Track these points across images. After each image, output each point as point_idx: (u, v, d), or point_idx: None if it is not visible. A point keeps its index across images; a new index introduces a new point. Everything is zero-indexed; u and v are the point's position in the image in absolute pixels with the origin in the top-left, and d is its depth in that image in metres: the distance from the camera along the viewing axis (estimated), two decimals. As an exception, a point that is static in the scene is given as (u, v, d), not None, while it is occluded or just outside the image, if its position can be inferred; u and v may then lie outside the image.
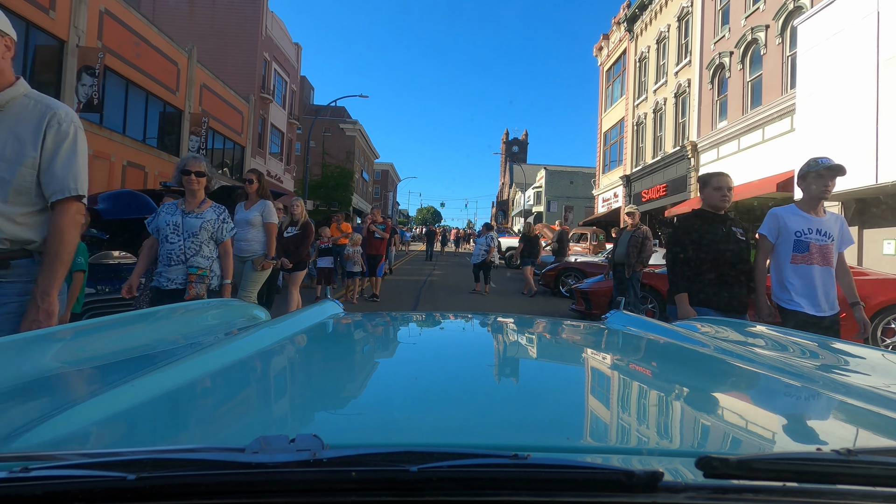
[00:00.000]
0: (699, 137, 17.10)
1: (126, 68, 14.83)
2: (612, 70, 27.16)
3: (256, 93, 24.86)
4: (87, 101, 12.64)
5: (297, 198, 7.05)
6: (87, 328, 1.37)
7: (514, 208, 62.63)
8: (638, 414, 0.87)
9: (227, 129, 21.83)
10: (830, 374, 1.17)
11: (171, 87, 17.34)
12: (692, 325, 1.83)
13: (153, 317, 1.58)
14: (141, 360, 1.11)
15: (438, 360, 1.22)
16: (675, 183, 18.75)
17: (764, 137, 13.75)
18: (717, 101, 16.41)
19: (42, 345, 1.13)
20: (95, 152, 13.70)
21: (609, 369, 1.22)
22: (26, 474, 0.43)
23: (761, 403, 0.97)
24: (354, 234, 9.48)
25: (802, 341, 1.52)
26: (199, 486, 0.44)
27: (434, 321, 1.90)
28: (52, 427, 0.63)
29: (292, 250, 6.18)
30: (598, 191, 28.76)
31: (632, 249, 6.99)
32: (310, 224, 6.62)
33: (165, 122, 17.67)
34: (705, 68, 16.90)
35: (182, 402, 0.83)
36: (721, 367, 1.20)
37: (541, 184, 47.54)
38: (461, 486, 0.46)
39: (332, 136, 44.96)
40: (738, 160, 14.93)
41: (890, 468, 0.49)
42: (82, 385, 1.00)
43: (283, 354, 1.20)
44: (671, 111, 19.55)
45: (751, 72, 14.66)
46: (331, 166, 33.11)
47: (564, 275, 11.12)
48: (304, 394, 0.93)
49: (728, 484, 0.47)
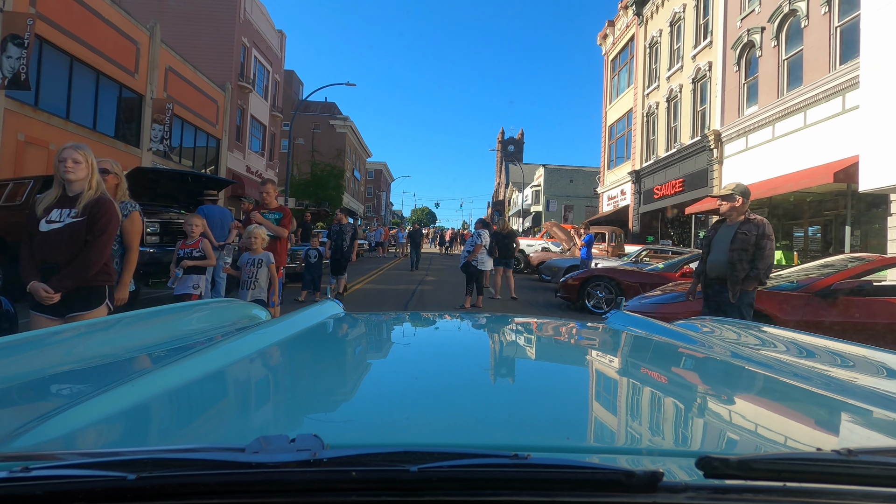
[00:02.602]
0: (723, 126, 15.28)
1: (70, 42, 12.79)
2: (619, 59, 25.35)
3: (234, 81, 22.84)
4: (12, 77, 10.63)
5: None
6: (87, 328, 1.37)
7: (510, 208, 60.91)
8: (638, 414, 0.86)
9: (198, 119, 19.79)
10: (830, 374, 1.14)
11: (128, 69, 15.31)
12: (692, 324, 1.81)
13: (153, 317, 1.54)
14: (141, 360, 1.14)
15: (438, 361, 1.22)
16: (694, 177, 16.93)
17: (806, 122, 11.93)
18: (745, 85, 14.58)
19: (42, 345, 1.15)
20: (28, 138, 11.69)
21: (609, 369, 1.22)
22: (26, 474, 0.44)
23: (761, 403, 0.96)
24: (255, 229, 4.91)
25: (803, 341, 1.51)
26: (199, 486, 0.45)
27: (434, 321, 1.90)
28: (52, 427, 0.63)
29: None
30: (602, 188, 26.93)
31: (739, 255, 4.00)
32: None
33: (123, 108, 15.64)
34: (730, 48, 15.08)
35: (182, 402, 0.83)
36: (721, 367, 1.20)
37: (539, 182, 45.81)
38: (461, 486, 0.47)
39: (323, 133, 43.29)
40: (772, 149, 13.11)
41: (890, 468, 0.49)
42: (82, 385, 0.98)
43: (283, 354, 1.21)
44: (688, 98, 17.73)
45: (787, 49, 12.83)
46: (320, 164, 31.37)
47: (592, 285, 8.56)
48: (304, 394, 0.91)
49: (728, 484, 0.47)
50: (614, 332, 1.58)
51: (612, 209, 24.47)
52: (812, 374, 1.09)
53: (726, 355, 1.29)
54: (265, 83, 27.16)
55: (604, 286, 8.49)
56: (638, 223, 21.56)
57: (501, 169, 78.05)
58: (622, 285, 8.22)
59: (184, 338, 1.35)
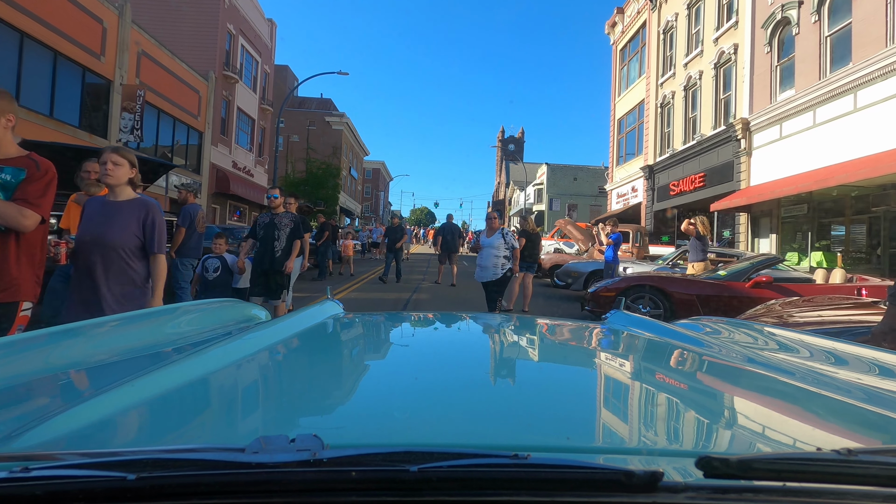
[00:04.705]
0: (751, 113, 13.80)
1: (17, 16, 11.31)
2: (628, 48, 23.87)
3: (218, 70, 21.35)
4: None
5: None
6: (87, 328, 1.33)
7: (511, 208, 59.45)
8: (638, 414, 0.86)
9: (177, 110, 18.28)
10: (831, 375, 1.14)
11: (93, 51, 13.81)
12: (692, 325, 1.80)
13: (153, 317, 1.57)
14: (141, 360, 1.12)
15: (438, 361, 1.21)
16: (717, 171, 15.46)
17: (857, 105, 10.46)
18: (778, 67, 13.10)
19: (42, 345, 1.14)
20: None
21: (609, 369, 1.21)
22: (26, 474, 0.44)
23: (761, 403, 0.95)
24: None
25: (803, 341, 1.50)
26: (199, 486, 0.44)
27: (434, 321, 1.89)
28: (52, 427, 0.63)
29: None
30: (611, 185, 25.45)
31: None
32: None
33: (89, 95, 14.15)
34: (759, 28, 13.61)
35: (182, 402, 0.83)
36: (721, 367, 1.20)
37: (542, 180, 44.33)
38: (461, 486, 0.46)
39: (318, 130, 41.91)
40: (813, 137, 11.63)
41: (890, 468, 0.49)
42: (82, 385, 0.99)
43: (283, 354, 1.20)
44: (709, 86, 16.26)
45: (831, 24, 11.36)
46: (316, 162, 29.95)
47: (632, 296, 6.74)
48: (304, 394, 0.91)
49: (728, 484, 0.47)
50: (614, 332, 1.58)
51: (622, 207, 23.00)
52: (812, 374, 1.09)
53: (726, 355, 1.30)
54: (253, 74, 25.64)
55: (648, 298, 6.64)
56: (651, 221, 20.08)
57: (501, 168, 76.67)
58: (673, 298, 6.43)
59: (184, 338, 1.36)
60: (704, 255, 8.22)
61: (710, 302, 6.06)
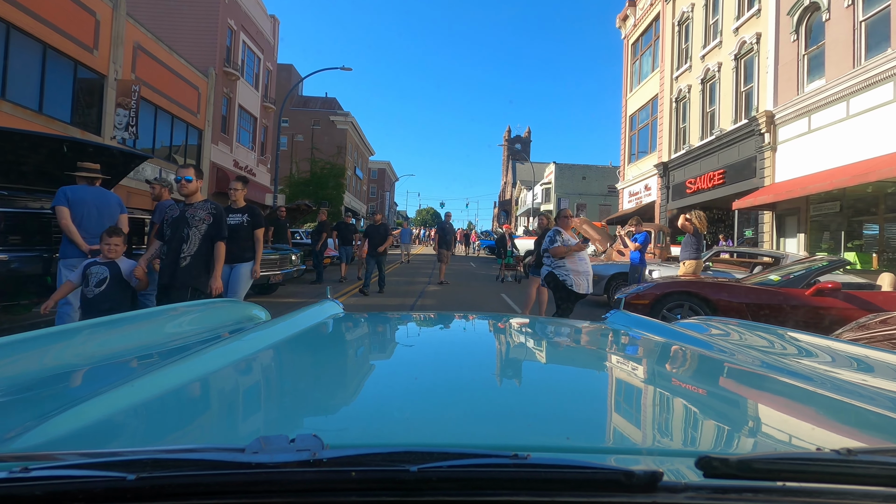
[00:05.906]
0: (776, 106, 13.03)
1: (1, 5, 10.75)
2: (641, 41, 23.10)
3: (218, 67, 20.79)
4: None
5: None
6: (87, 328, 1.33)
7: (518, 208, 58.66)
8: (638, 414, 0.86)
9: (175, 107, 17.72)
10: (830, 374, 1.13)
11: (85, 44, 13.25)
12: (692, 325, 1.79)
13: (153, 317, 1.54)
14: (140, 361, 1.13)
15: (438, 361, 1.21)
16: (738, 167, 14.68)
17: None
18: (806, 56, 12.33)
19: (42, 345, 1.13)
20: (-56, 118, 9.65)
21: (609, 369, 1.20)
22: (26, 474, 0.44)
23: (761, 403, 0.96)
24: None
25: (803, 341, 1.49)
26: (199, 486, 0.45)
27: (434, 321, 1.89)
28: (52, 427, 0.63)
29: None
30: (623, 184, 24.67)
31: None
32: None
33: (82, 90, 13.59)
34: (785, 15, 12.84)
35: (182, 402, 0.83)
36: (721, 368, 1.19)
37: (550, 180, 43.56)
38: (461, 486, 0.46)
39: (322, 129, 41.47)
40: (846, 129, 10.86)
41: (890, 468, 0.49)
42: (82, 385, 0.99)
43: (282, 354, 1.20)
44: (728, 78, 15.49)
45: (866, 7, 10.59)
46: (320, 161, 29.41)
47: (669, 305, 5.82)
48: (304, 394, 0.91)
49: (728, 484, 0.47)
50: (615, 332, 1.57)
51: (635, 206, 22.22)
52: (812, 374, 1.09)
53: (726, 355, 1.28)
54: (255, 71, 25.08)
55: (688, 307, 5.71)
56: (666, 221, 19.31)
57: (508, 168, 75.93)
58: (718, 307, 5.48)
59: (183, 338, 1.35)
60: (698, 253, 7.43)
61: (762, 312, 5.26)
